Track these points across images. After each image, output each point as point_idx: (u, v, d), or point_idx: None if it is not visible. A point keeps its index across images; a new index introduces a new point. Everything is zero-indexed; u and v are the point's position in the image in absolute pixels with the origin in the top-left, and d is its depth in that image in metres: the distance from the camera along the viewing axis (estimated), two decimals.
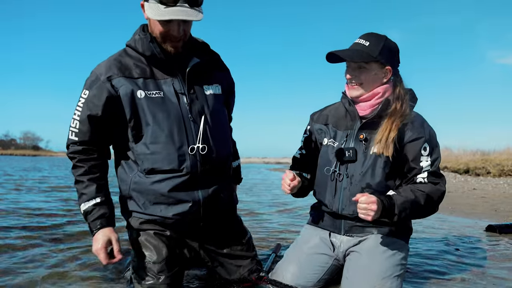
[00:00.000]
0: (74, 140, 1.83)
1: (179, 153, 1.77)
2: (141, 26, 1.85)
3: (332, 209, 2.04)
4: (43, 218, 4.75)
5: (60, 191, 8.27)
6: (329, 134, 2.09)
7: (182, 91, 1.81)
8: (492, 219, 5.69)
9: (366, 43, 1.92)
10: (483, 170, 14.55)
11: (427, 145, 1.92)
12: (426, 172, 1.91)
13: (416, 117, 1.98)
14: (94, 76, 1.79)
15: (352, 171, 1.97)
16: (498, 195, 9.11)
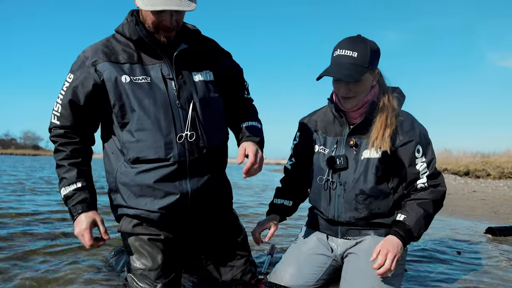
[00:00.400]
0: (56, 124, 1.78)
1: (166, 140, 1.69)
2: (130, 11, 1.80)
3: (328, 216, 2.04)
4: (37, 217, 4.73)
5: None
6: (319, 141, 2.08)
7: (170, 76, 1.74)
8: (492, 221, 5.67)
9: (354, 54, 1.83)
10: (483, 172, 14.53)
11: (420, 147, 1.90)
12: (425, 176, 1.90)
13: (405, 118, 1.95)
14: (80, 61, 1.76)
15: (345, 178, 1.97)
16: (498, 198, 9.09)
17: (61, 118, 1.77)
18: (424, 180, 1.89)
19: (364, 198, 1.93)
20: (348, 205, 1.97)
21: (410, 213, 1.85)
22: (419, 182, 1.90)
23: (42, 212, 5.22)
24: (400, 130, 1.91)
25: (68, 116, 1.76)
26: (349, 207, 1.97)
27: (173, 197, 1.75)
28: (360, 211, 1.96)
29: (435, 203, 1.90)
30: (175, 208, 1.78)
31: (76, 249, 3.25)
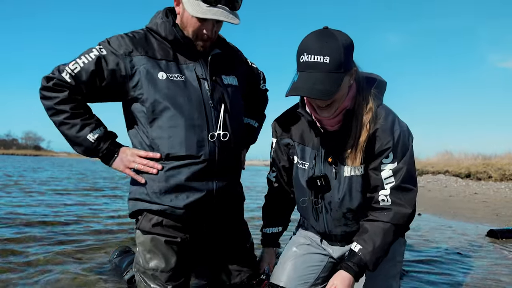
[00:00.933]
0: (66, 81, 1.71)
1: (198, 138, 1.72)
2: (164, 10, 1.84)
3: (320, 231, 1.97)
4: (40, 218, 4.74)
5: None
6: (297, 153, 1.87)
7: (204, 77, 1.78)
8: (493, 223, 5.67)
9: (326, 59, 1.48)
10: (484, 174, 14.51)
11: (391, 152, 1.64)
12: (388, 187, 1.64)
13: (384, 121, 1.66)
14: (117, 43, 1.73)
15: (329, 198, 1.81)
16: (500, 200, 9.09)
17: (74, 79, 1.71)
18: (386, 192, 1.65)
19: (352, 215, 1.82)
20: (338, 222, 1.87)
21: (367, 243, 1.64)
22: (381, 194, 1.66)
23: (40, 213, 5.24)
24: (378, 137, 1.66)
25: (84, 82, 1.72)
26: (339, 223, 1.87)
27: (199, 194, 1.77)
28: (351, 226, 1.87)
29: (397, 229, 1.66)
30: (200, 205, 1.79)
31: (79, 249, 3.27)
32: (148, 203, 1.79)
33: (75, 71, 1.70)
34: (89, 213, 5.43)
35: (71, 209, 5.72)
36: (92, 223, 4.64)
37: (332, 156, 1.75)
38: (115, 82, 1.74)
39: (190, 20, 1.72)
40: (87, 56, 1.71)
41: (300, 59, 1.53)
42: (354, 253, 1.66)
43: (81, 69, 1.70)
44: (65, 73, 1.71)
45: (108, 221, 4.84)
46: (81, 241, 3.67)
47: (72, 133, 1.74)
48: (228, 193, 1.89)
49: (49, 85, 1.72)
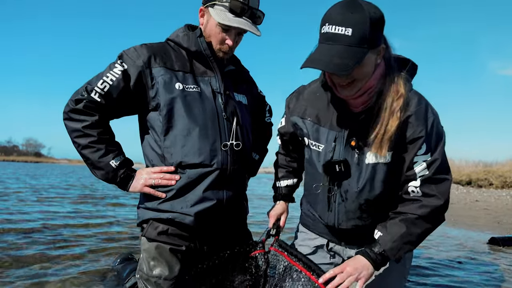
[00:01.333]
0: (95, 100, 1.73)
1: (212, 147, 1.77)
2: (185, 25, 1.94)
3: (328, 223, 1.77)
4: (42, 222, 4.75)
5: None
6: (310, 133, 1.70)
7: (218, 90, 1.85)
8: (495, 231, 5.67)
9: (348, 31, 1.34)
10: (485, 181, 14.51)
11: (425, 142, 1.49)
12: (420, 179, 1.51)
13: (416, 107, 1.51)
14: (136, 56, 1.77)
15: (346, 186, 1.63)
16: (501, 207, 9.08)
17: (105, 98, 1.73)
18: (417, 184, 1.52)
19: (369, 207, 1.63)
20: (352, 214, 1.68)
21: (389, 231, 1.55)
22: (411, 185, 1.53)
23: (42, 218, 5.25)
24: (411, 124, 1.50)
25: (114, 99, 1.74)
26: (352, 216, 1.68)
27: (210, 203, 1.79)
28: (364, 220, 1.69)
29: (425, 220, 1.53)
30: (210, 214, 1.81)
31: (81, 255, 3.27)
32: (157, 212, 1.81)
33: (105, 89, 1.72)
34: (90, 221, 5.43)
35: (71, 215, 5.73)
36: (93, 230, 4.65)
37: (356, 139, 1.56)
38: (139, 93, 1.77)
39: (214, 30, 1.79)
40: (113, 72, 1.73)
41: (322, 30, 1.40)
42: (377, 243, 1.55)
43: (110, 86, 1.73)
44: (94, 93, 1.73)
45: (112, 228, 4.84)
46: (80, 246, 3.67)
47: (95, 157, 1.77)
48: (236, 202, 1.92)
49: (79, 108, 1.73)
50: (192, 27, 1.95)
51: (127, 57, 1.77)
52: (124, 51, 1.80)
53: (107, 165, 1.77)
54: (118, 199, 8.83)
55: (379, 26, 1.40)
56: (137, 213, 1.90)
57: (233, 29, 1.76)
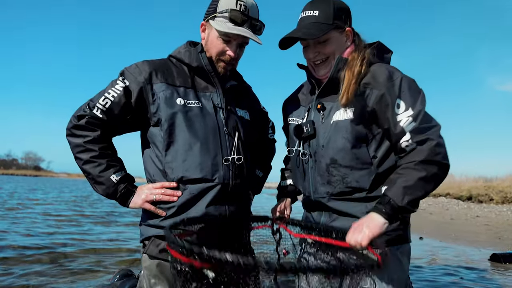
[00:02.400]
0: (97, 117, 1.75)
1: (213, 162, 1.76)
2: (187, 42, 1.95)
3: (305, 194, 1.81)
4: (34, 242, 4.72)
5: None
6: (293, 114, 1.88)
7: (220, 106, 1.85)
8: (496, 247, 5.63)
9: (315, 12, 1.68)
10: (486, 197, 14.46)
11: (400, 100, 1.54)
12: (409, 132, 1.51)
13: (379, 66, 1.63)
14: (137, 72, 1.80)
15: (314, 147, 1.71)
16: (502, 223, 9.03)
17: (107, 114, 1.75)
18: (408, 137, 1.51)
19: (337, 167, 1.64)
20: (321, 178, 1.69)
21: (392, 181, 1.51)
22: (403, 140, 1.52)
23: (37, 235, 5.22)
24: (373, 81, 1.59)
25: (116, 115, 1.76)
26: (322, 181, 1.69)
27: (212, 218, 1.77)
28: (333, 185, 1.66)
29: (425, 163, 1.48)
30: (212, 230, 1.80)
31: (80, 271, 3.25)
32: (159, 229, 1.80)
33: (106, 106, 1.74)
34: (90, 237, 5.40)
35: (70, 231, 5.70)
36: (91, 245, 4.62)
37: (322, 102, 1.71)
38: (140, 109, 1.78)
39: (215, 41, 1.81)
40: (115, 89, 1.76)
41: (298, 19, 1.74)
42: (382, 195, 1.50)
43: (111, 103, 1.75)
44: (96, 109, 1.75)
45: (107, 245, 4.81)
46: (81, 263, 3.65)
47: (96, 172, 1.77)
48: (240, 218, 1.91)
49: (81, 123, 1.75)
50: (194, 43, 1.96)
51: (129, 74, 1.79)
52: (125, 68, 1.82)
53: (107, 179, 1.76)
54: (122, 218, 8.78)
55: (343, 11, 1.70)
56: (140, 230, 1.90)
57: (234, 39, 1.78)
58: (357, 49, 1.69)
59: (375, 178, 1.61)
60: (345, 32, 1.69)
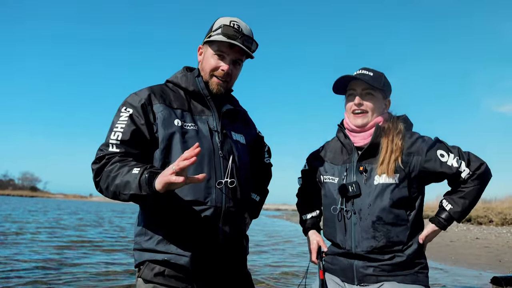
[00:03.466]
0: (114, 152, 1.72)
1: (207, 185, 1.76)
2: (183, 67, 2.02)
3: (346, 247, 1.95)
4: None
5: None
6: (328, 171, 2.06)
7: (215, 129, 1.88)
8: (496, 270, 5.54)
9: (370, 73, 1.97)
10: (485, 218, 14.39)
11: (440, 150, 1.89)
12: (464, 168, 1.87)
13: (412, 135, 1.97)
14: (137, 99, 1.83)
15: (359, 205, 1.90)
16: (502, 245, 8.94)
17: (122, 145, 1.73)
18: (467, 171, 1.86)
19: (382, 224, 1.87)
20: (366, 234, 1.89)
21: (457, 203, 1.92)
22: (464, 174, 1.87)
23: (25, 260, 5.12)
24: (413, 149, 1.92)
25: (131, 143, 1.74)
26: (367, 236, 1.88)
27: (204, 242, 1.76)
28: (378, 239, 1.88)
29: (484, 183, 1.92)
30: (205, 254, 1.76)
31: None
32: (153, 253, 1.76)
33: (119, 138, 1.74)
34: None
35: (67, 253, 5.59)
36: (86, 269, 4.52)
37: (364, 165, 1.93)
38: (149, 131, 1.78)
39: (209, 59, 1.86)
40: (121, 120, 1.78)
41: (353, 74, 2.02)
42: (444, 210, 1.93)
43: (123, 134, 1.75)
44: (111, 146, 1.74)
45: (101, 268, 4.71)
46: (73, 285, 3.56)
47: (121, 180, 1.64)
48: (234, 242, 1.87)
49: (101, 164, 1.70)
50: (190, 68, 2.01)
51: (129, 103, 1.82)
52: (126, 99, 1.85)
53: (130, 175, 1.61)
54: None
55: (388, 85, 2.03)
56: (134, 255, 1.86)
57: (227, 54, 1.83)
58: (391, 120, 1.99)
59: (409, 233, 1.90)
60: (385, 100, 2.03)
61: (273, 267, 6.14)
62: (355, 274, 1.94)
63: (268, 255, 7.81)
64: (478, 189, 1.88)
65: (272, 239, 11.51)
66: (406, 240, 1.89)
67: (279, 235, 13.46)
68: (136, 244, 1.85)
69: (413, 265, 1.91)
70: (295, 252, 8.53)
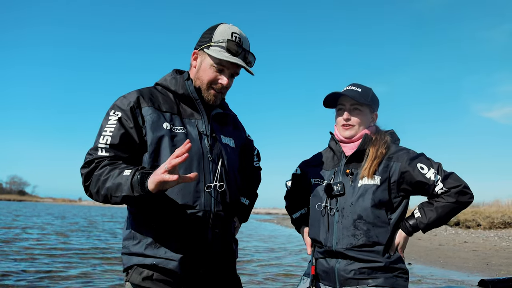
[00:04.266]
0: (103, 156, 1.72)
1: (195, 189, 1.75)
2: (173, 70, 1.99)
3: (327, 244, 2.04)
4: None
5: None
6: (318, 175, 2.20)
7: (205, 132, 1.87)
8: (484, 273, 5.63)
9: (359, 89, 2.11)
10: (473, 222, 14.54)
11: (421, 164, 2.00)
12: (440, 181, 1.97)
13: (397, 147, 2.10)
14: (126, 102, 1.82)
15: (342, 204, 2.03)
16: (489, 248, 9.05)
17: (111, 149, 1.73)
18: (440, 185, 1.96)
19: (362, 223, 1.97)
20: (346, 231, 1.99)
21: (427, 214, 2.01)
22: (437, 189, 1.97)
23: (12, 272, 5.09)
24: (395, 156, 2.04)
25: (120, 146, 1.74)
26: (347, 233, 1.98)
27: (193, 246, 1.76)
28: (357, 237, 1.97)
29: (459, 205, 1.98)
30: (194, 258, 1.76)
31: None
32: (141, 257, 1.76)
33: (108, 142, 1.74)
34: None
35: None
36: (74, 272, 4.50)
37: (350, 168, 2.07)
38: (140, 135, 1.78)
39: (208, 70, 1.85)
40: (110, 124, 1.77)
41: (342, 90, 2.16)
42: (413, 217, 2.02)
43: (111, 137, 1.74)
44: (100, 150, 1.74)
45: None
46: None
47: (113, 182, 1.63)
48: (224, 246, 1.86)
49: (91, 169, 1.70)
50: (179, 71, 1.99)
51: (118, 106, 1.81)
52: (114, 102, 1.84)
53: (122, 177, 1.60)
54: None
55: (376, 100, 2.17)
56: (122, 259, 1.86)
57: (227, 68, 1.82)
58: (379, 132, 2.14)
59: (389, 236, 1.99)
60: (372, 114, 2.18)
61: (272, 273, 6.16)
62: (337, 278, 2.02)
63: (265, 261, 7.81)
64: (450, 207, 1.96)
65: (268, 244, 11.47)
66: (385, 242, 1.98)
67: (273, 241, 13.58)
68: (125, 248, 1.84)
69: (393, 269, 1.98)
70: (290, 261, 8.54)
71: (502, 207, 15.83)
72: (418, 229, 2.01)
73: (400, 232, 2.02)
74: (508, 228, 13.45)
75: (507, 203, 16.56)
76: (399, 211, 2.03)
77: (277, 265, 6.87)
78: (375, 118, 2.19)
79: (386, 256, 1.97)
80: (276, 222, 32.20)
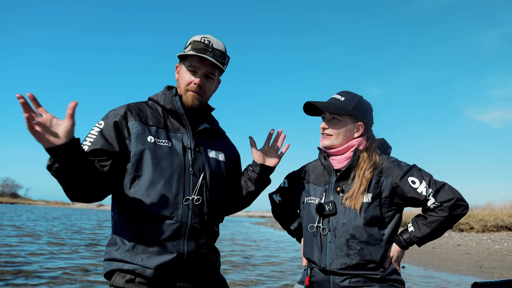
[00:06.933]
0: None
1: (174, 201, 1.80)
2: (166, 86, 2.10)
3: (321, 265, 2.03)
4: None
5: None
6: (310, 193, 2.15)
7: (189, 147, 1.93)
8: (477, 275, 5.66)
9: (342, 98, 2.06)
10: (466, 225, 14.62)
11: (412, 177, 1.95)
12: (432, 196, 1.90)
13: (387, 161, 2.02)
14: (113, 114, 1.88)
15: (335, 223, 2.00)
16: (482, 251, 9.10)
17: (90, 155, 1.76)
18: (432, 200, 1.91)
19: (355, 243, 1.94)
20: (340, 251, 1.97)
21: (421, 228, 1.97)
22: (430, 204, 1.91)
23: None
24: (385, 171, 1.99)
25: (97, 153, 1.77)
26: (341, 253, 1.96)
27: (169, 256, 1.78)
28: (351, 257, 1.96)
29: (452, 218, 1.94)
30: (170, 267, 1.79)
31: None
32: (121, 263, 1.79)
33: (86, 150, 1.76)
34: None
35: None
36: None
37: (340, 186, 2.03)
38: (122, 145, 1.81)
39: (184, 75, 1.94)
40: (91, 133, 1.81)
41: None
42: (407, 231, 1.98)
43: (89, 146, 1.78)
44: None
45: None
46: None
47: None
48: (201, 257, 1.89)
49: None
50: (171, 87, 2.07)
51: (107, 117, 1.87)
52: (106, 114, 1.90)
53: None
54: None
55: (362, 109, 2.08)
56: (103, 264, 1.90)
57: (199, 69, 1.90)
58: (369, 147, 2.07)
59: (383, 253, 1.96)
60: (356, 124, 2.07)
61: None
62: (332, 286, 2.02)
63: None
64: (444, 221, 1.92)
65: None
66: (379, 260, 1.96)
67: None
68: (106, 253, 1.89)
69: (388, 280, 1.99)
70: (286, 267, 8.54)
71: (495, 210, 15.91)
72: (413, 243, 1.97)
73: (394, 246, 1.99)
74: (501, 231, 13.54)
75: (500, 206, 16.65)
76: (392, 226, 2.01)
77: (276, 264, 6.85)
78: (361, 129, 2.08)
79: (380, 270, 1.96)
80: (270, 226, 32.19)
